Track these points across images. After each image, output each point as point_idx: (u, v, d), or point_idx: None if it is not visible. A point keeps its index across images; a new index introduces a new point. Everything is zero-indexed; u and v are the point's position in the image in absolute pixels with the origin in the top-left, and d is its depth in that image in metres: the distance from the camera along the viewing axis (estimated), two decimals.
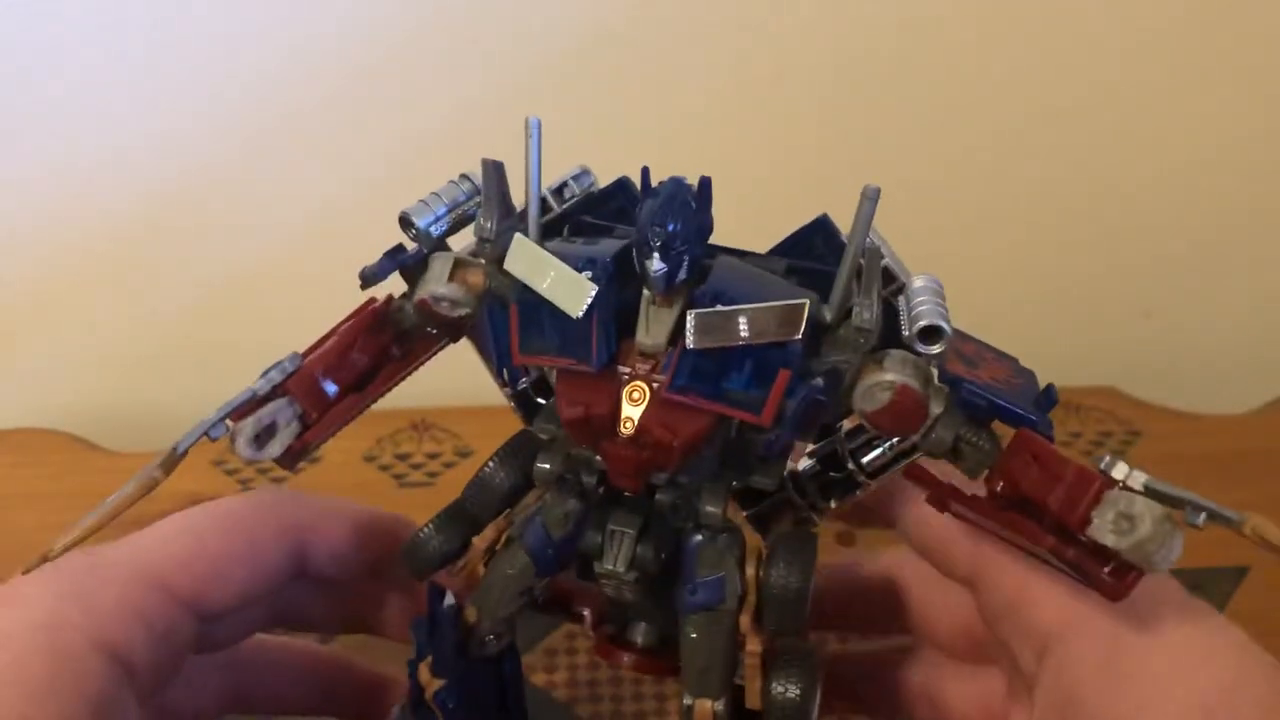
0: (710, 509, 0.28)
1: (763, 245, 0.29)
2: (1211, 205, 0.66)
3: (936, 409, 0.26)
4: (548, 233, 0.29)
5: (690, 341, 0.25)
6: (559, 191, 0.29)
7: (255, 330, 0.68)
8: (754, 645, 0.28)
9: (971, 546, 0.29)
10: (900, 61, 0.61)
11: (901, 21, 0.60)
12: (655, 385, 0.26)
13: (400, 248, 0.29)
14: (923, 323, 0.25)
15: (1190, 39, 0.62)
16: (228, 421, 0.28)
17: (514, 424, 0.62)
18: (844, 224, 0.30)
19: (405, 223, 0.29)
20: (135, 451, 0.61)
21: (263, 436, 0.28)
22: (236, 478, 0.58)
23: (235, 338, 0.68)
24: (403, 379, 0.31)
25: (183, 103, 0.60)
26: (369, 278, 0.29)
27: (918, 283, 0.26)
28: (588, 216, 0.29)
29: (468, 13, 0.59)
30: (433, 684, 0.30)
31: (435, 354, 0.31)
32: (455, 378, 0.66)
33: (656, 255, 0.24)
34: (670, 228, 0.24)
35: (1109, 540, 0.24)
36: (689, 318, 0.25)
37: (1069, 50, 0.62)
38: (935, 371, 0.26)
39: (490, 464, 0.31)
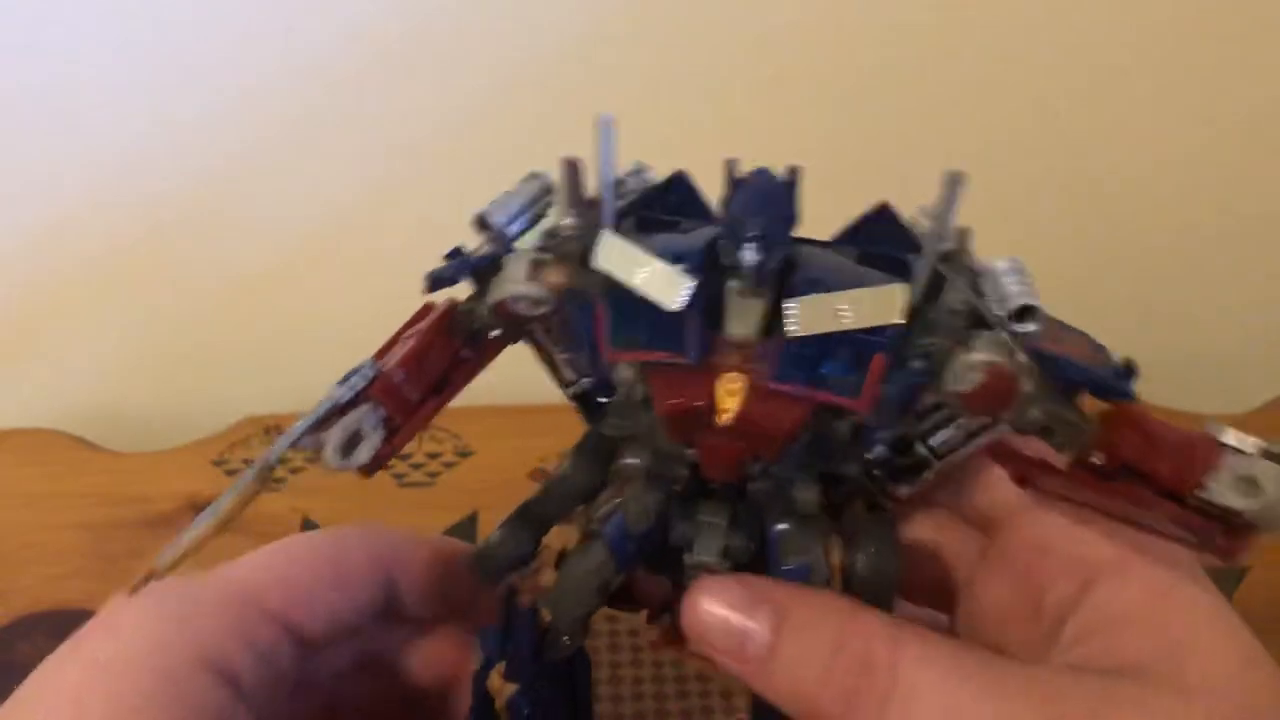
0: (805, 497, 0.28)
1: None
2: (1211, 205, 0.66)
3: (1027, 386, 0.26)
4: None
5: (793, 329, 0.25)
6: (615, 188, 0.28)
7: (255, 331, 0.68)
8: None
9: (1013, 498, 0.29)
10: (900, 61, 0.61)
11: (903, 21, 0.60)
12: (751, 375, 0.26)
13: (458, 250, 0.29)
14: (1019, 302, 0.25)
15: (1189, 38, 0.62)
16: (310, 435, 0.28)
17: (512, 424, 0.63)
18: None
19: (482, 223, 0.29)
20: (135, 451, 0.61)
21: (349, 444, 0.27)
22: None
23: (235, 339, 0.69)
24: (475, 376, 0.30)
25: (184, 106, 0.60)
26: (439, 281, 0.28)
27: (1001, 264, 0.26)
28: (647, 212, 0.29)
29: (468, 13, 0.59)
30: (504, 691, 0.29)
31: (501, 352, 0.31)
32: None
33: (750, 246, 0.24)
34: (763, 219, 0.25)
35: (1236, 503, 0.24)
36: (790, 306, 0.25)
37: (1069, 50, 0.62)
38: (1023, 350, 0.26)
39: (565, 463, 0.30)
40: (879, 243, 0.27)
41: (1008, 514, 0.30)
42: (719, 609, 0.26)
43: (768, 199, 0.25)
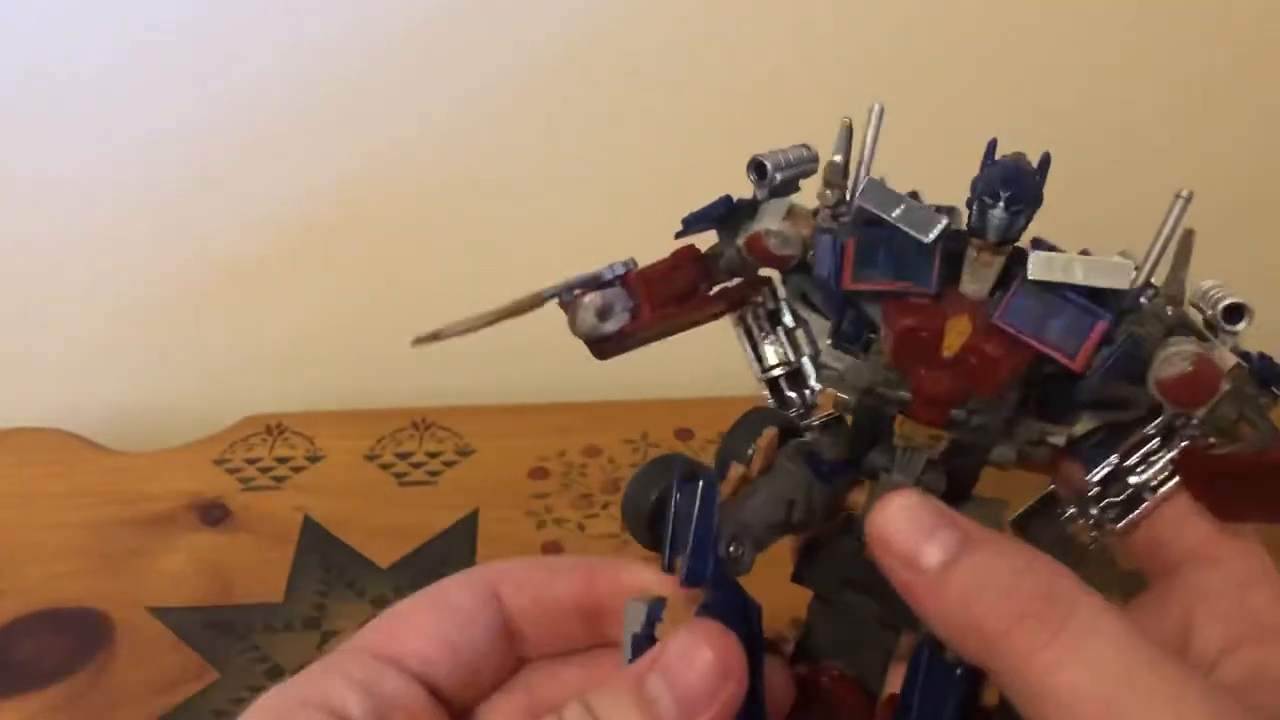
0: (1005, 455, 0.30)
1: None
2: (1211, 204, 0.66)
3: (1226, 384, 0.28)
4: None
5: (1030, 272, 0.27)
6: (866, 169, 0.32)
7: (255, 331, 0.69)
8: None
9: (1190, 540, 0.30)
10: (901, 62, 0.61)
11: (905, 20, 0.60)
12: (981, 316, 0.28)
13: (725, 197, 0.33)
14: (1229, 300, 0.28)
15: (1190, 37, 0.62)
16: (576, 292, 0.31)
17: (512, 424, 0.63)
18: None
19: (758, 167, 0.32)
20: (135, 451, 0.61)
21: (601, 313, 0.31)
22: (237, 476, 0.58)
23: (236, 339, 0.69)
24: (704, 317, 0.33)
25: (184, 101, 0.60)
26: (693, 219, 0.32)
27: (1205, 282, 0.29)
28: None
29: (468, 11, 0.59)
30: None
31: (730, 302, 0.34)
32: (455, 377, 0.66)
33: (1001, 205, 0.27)
34: (1014, 187, 0.27)
35: None
36: (1031, 255, 0.27)
37: (1069, 51, 0.62)
38: (1229, 349, 0.29)
39: (748, 414, 0.33)
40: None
41: (1181, 556, 0.30)
42: (908, 515, 0.26)
43: (1020, 175, 0.28)
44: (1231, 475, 0.29)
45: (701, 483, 0.28)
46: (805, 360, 0.34)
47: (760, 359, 0.34)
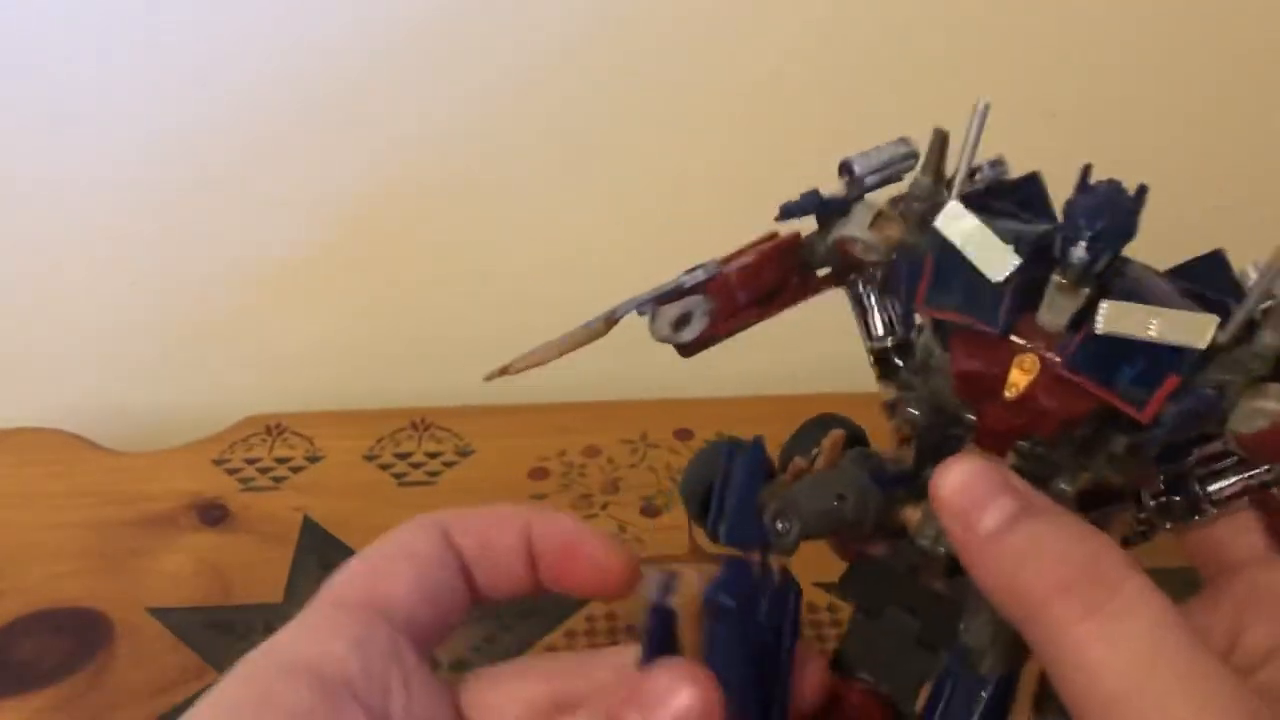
0: (1064, 486, 0.29)
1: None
2: (1211, 205, 0.66)
3: None
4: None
5: (1099, 326, 0.26)
6: (971, 175, 0.31)
7: (255, 330, 0.69)
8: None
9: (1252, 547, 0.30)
10: (901, 62, 0.61)
11: (905, 20, 0.60)
12: (1047, 359, 0.27)
13: (815, 191, 0.32)
14: None
15: (1190, 37, 0.62)
16: (655, 305, 0.31)
17: (512, 424, 0.63)
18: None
19: (846, 168, 0.31)
20: (135, 451, 0.61)
21: (680, 322, 0.31)
22: (237, 477, 0.58)
23: (236, 338, 0.69)
24: (794, 304, 0.33)
25: (185, 101, 0.60)
26: (790, 210, 0.32)
27: None
28: (992, 200, 0.31)
29: (469, 11, 0.59)
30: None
31: (823, 291, 0.33)
32: (455, 377, 0.66)
33: (1083, 244, 0.26)
34: (1101, 223, 0.26)
35: None
36: (1102, 304, 0.26)
37: (1069, 51, 0.62)
38: None
39: (816, 419, 0.33)
40: (1204, 283, 0.28)
41: (1240, 560, 0.30)
42: (971, 478, 0.26)
43: (1112, 207, 0.27)
44: None
45: (751, 447, 0.29)
46: (914, 335, 0.33)
47: (869, 328, 0.34)
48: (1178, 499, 0.31)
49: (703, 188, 0.63)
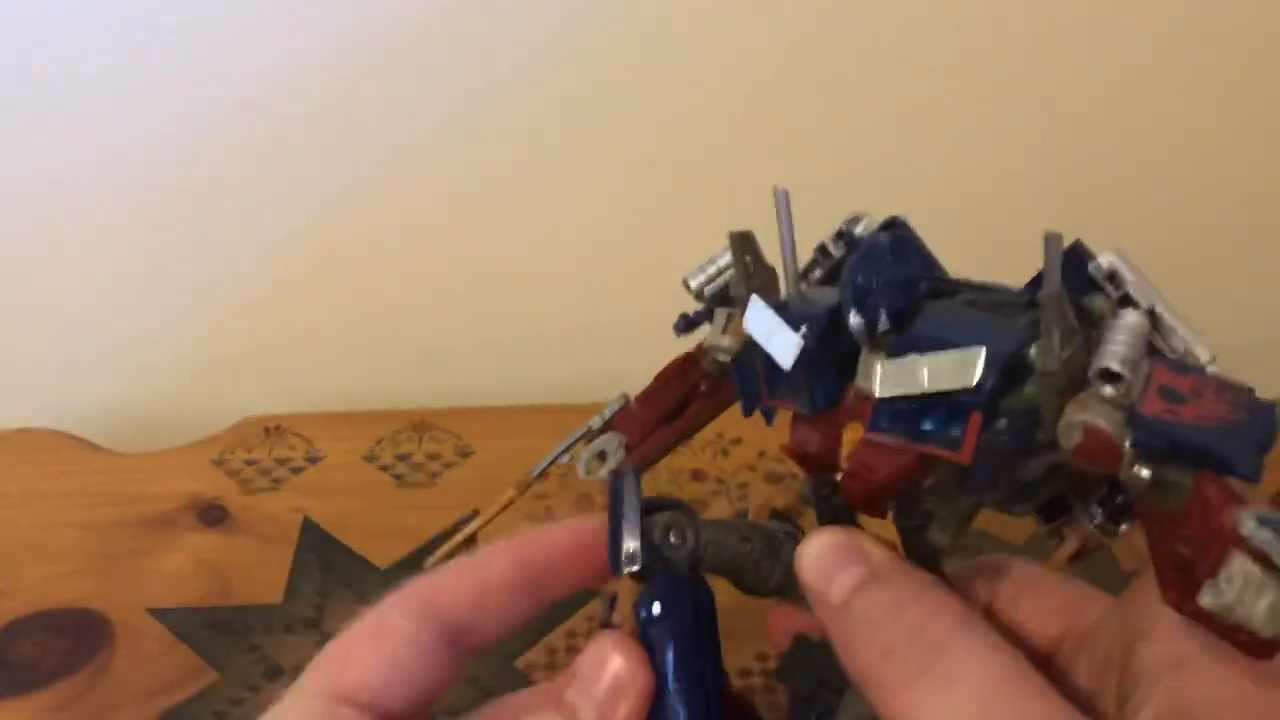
0: (938, 539, 0.29)
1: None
2: (1211, 204, 0.66)
3: (1127, 445, 0.25)
4: (832, 279, 0.31)
5: (877, 390, 0.26)
6: (839, 237, 0.31)
7: (255, 331, 0.69)
8: None
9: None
10: (901, 62, 0.61)
11: (905, 20, 0.60)
12: (866, 426, 0.27)
13: (684, 314, 0.34)
14: (1100, 364, 0.25)
15: (1189, 36, 0.62)
16: (571, 451, 0.35)
17: (512, 424, 0.63)
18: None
19: (685, 285, 0.33)
20: (135, 451, 0.61)
21: (596, 461, 0.34)
22: (237, 477, 0.58)
23: (236, 339, 0.69)
24: (711, 414, 0.35)
25: (186, 103, 0.60)
26: (677, 327, 0.34)
27: (1126, 319, 0.26)
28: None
29: (468, 13, 0.59)
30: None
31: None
32: (455, 378, 0.66)
33: (853, 310, 0.26)
34: (863, 283, 0.26)
35: (1205, 600, 0.23)
36: (877, 368, 0.26)
37: (1070, 51, 0.62)
38: (1123, 410, 0.25)
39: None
40: (1069, 282, 0.27)
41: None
42: (822, 553, 0.27)
43: (872, 262, 0.26)
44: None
45: (611, 474, 0.30)
46: None
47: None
48: (1121, 500, 0.30)
49: (703, 188, 0.63)
